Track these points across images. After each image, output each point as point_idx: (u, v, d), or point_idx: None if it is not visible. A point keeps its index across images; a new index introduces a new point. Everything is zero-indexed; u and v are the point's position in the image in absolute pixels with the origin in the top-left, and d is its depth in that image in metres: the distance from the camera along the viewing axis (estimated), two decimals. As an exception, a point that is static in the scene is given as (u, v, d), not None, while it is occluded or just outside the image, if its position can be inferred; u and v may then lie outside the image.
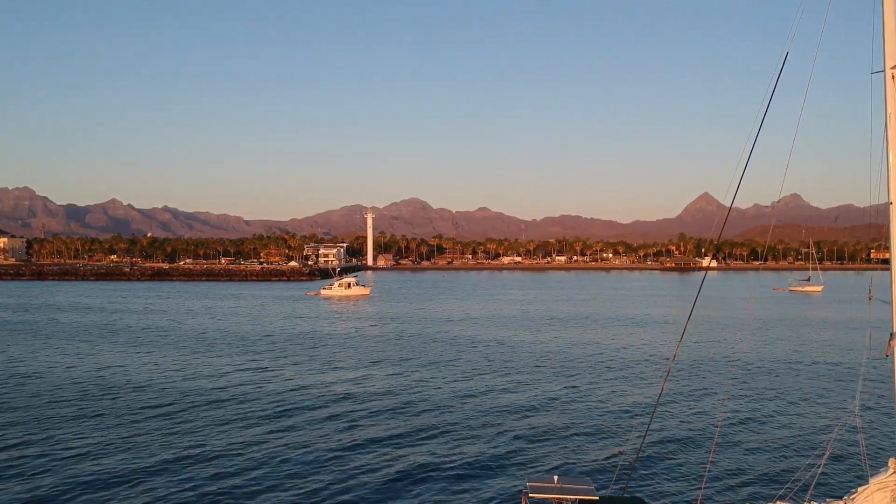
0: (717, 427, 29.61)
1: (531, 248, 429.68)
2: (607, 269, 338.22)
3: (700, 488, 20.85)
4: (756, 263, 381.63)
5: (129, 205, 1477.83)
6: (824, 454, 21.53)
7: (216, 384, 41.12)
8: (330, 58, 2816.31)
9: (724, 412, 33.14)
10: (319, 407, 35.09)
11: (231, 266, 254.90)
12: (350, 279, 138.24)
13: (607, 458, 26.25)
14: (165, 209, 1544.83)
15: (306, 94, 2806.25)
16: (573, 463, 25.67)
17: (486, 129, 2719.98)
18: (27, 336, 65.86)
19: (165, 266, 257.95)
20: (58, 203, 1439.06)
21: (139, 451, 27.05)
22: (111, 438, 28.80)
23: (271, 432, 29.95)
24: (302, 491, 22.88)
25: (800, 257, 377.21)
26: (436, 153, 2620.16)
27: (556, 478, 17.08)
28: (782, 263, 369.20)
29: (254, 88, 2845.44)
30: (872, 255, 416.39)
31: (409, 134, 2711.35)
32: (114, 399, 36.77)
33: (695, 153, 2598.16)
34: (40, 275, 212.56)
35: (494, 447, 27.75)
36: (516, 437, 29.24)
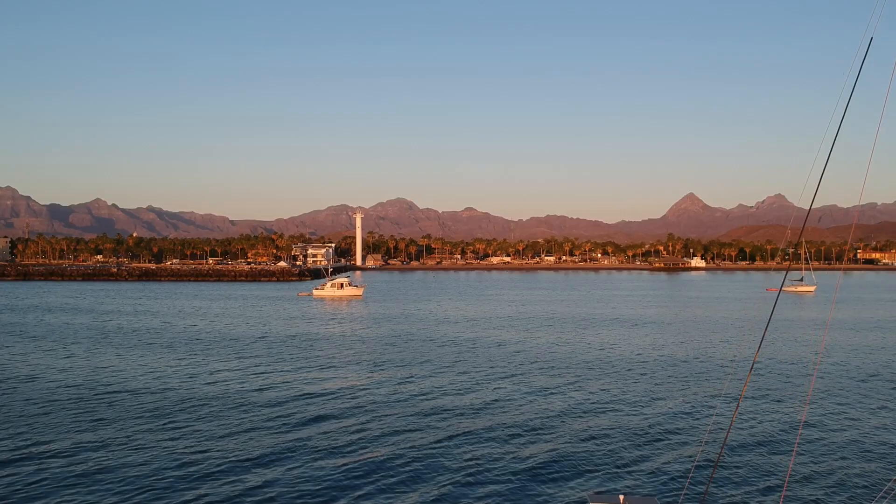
0: (795, 438, 27.82)
1: (520, 249, 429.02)
2: (596, 270, 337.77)
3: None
4: (744, 263, 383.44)
5: (114, 205, 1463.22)
6: None
7: (217, 388, 39.53)
8: (317, 57, 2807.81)
9: (802, 420, 31.36)
10: (332, 412, 33.56)
11: (219, 266, 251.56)
12: (342, 279, 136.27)
13: (671, 470, 24.44)
14: (150, 209, 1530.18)
15: (291, 93, 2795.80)
16: (636, 476, 24.00)
17: (474, 129, 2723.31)
18: (17, 338, 63.77)
19: (153, 266, 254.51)
20: (41, 203, 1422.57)
21: (139, 459, 25.51)
22: (110, 446, 27.28)
23: (284, 441, 28.39)
24: (324, 499, 21.40)
25: (787, 257, 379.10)
26: (422, 153, 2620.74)
27: (621, 497, 15.85)
28: (770, 264, 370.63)
29: (238, 88, 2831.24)
30: (859, 255, 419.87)
31: (395, 133, 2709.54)
32: (110, 405, 35.19)
33: (680, 154, 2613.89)
34: (26, 275, 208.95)
35: (543, 455, 25.96)
36: (567, 445, 27.33)
